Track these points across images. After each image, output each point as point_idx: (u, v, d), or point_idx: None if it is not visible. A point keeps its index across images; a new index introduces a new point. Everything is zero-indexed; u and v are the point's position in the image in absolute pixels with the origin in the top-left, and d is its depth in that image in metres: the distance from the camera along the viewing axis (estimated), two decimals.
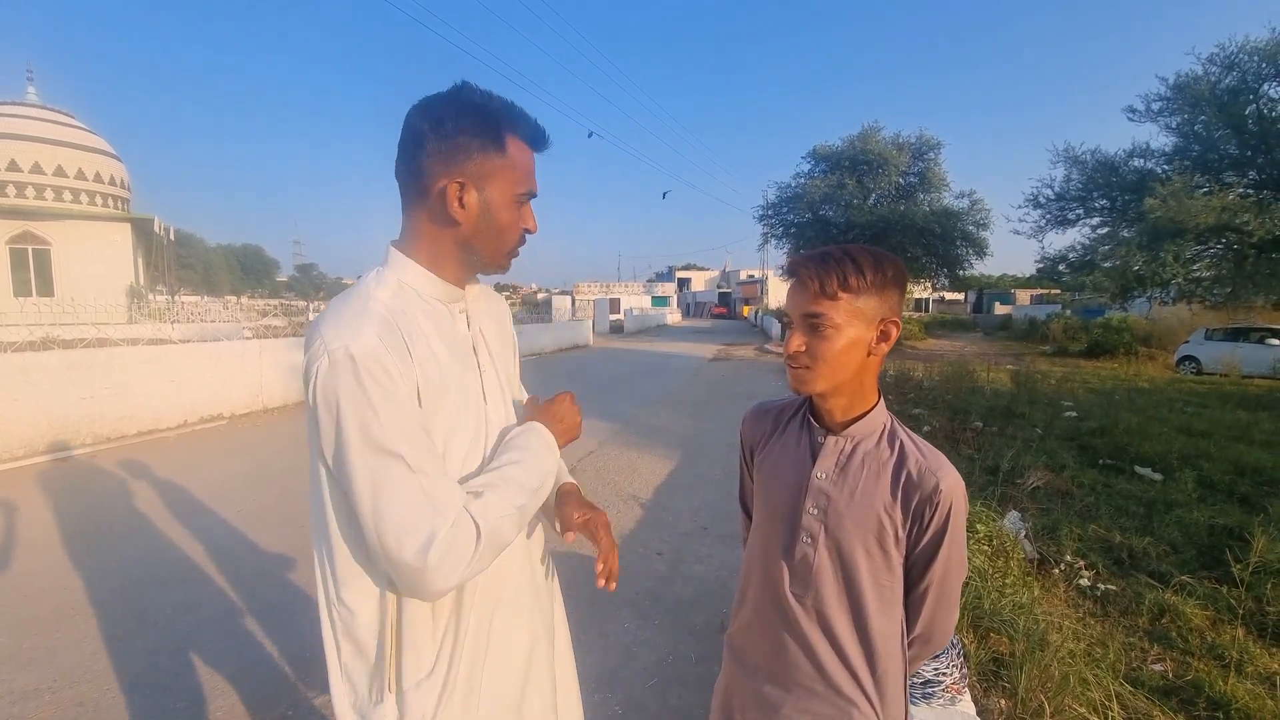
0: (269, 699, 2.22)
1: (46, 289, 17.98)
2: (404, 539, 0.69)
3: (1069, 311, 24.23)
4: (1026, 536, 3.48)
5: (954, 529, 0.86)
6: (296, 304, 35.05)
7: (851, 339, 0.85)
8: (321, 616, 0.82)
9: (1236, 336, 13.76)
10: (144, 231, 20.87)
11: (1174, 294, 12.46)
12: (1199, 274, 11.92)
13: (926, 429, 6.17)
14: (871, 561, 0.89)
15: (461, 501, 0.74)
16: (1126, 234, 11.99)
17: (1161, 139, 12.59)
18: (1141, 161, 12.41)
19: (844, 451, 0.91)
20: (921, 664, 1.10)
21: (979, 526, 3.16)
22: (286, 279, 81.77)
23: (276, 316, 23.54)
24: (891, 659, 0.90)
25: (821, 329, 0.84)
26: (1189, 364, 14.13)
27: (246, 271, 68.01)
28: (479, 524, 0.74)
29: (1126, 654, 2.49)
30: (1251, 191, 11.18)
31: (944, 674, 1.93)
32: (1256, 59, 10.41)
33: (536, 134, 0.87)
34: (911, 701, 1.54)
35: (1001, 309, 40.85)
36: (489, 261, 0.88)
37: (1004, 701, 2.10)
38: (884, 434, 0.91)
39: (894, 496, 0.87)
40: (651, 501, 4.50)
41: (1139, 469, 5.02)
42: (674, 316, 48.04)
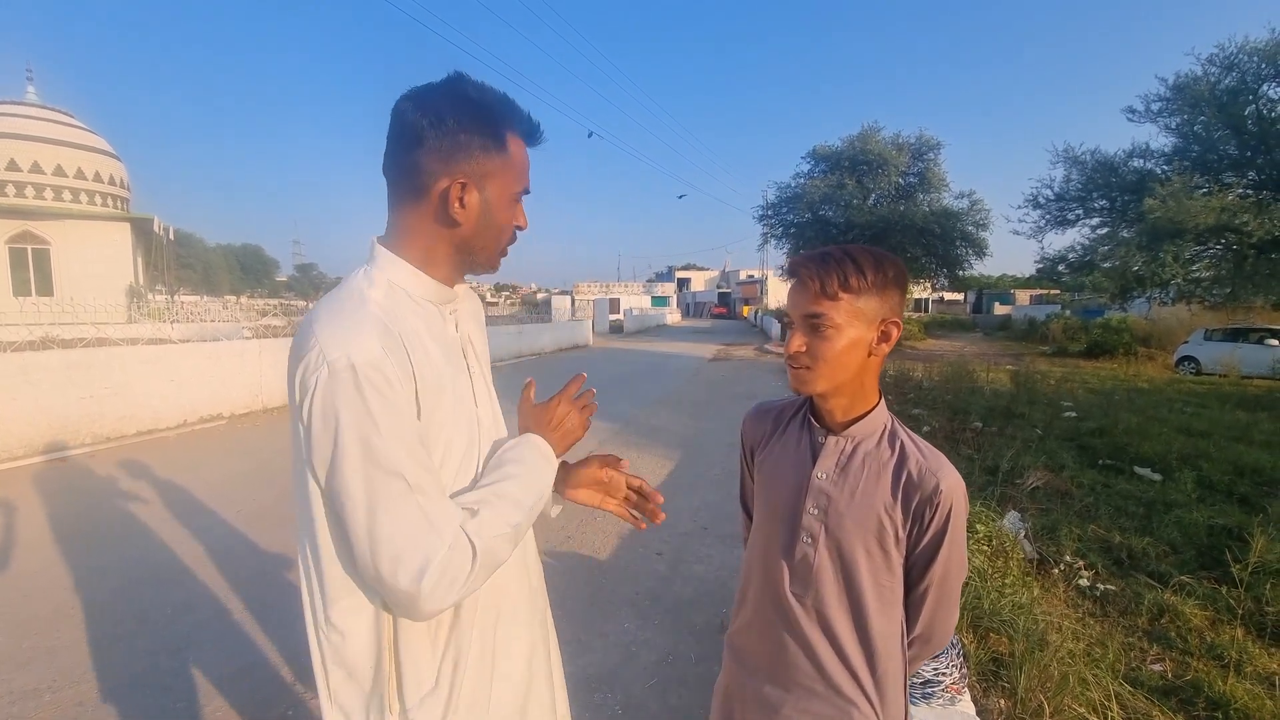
0: (268, 699, 2.22)
1: (46, 288, 17.98)
2: (399, 562, 0.66)
3: (1068, 312, 24.25)
4: (1026, 536, 3.48)
5: (954, 529, 0.86)
6: (296, 304, 35.08)
7: (852, 339, 0.85)
8: (310, 640, 0.77)
9: (1236, 337, 13.78)
10: (143, 231, 20.88)
11: (1173, 294, 12.47)
12: (1198, 274, 11.94)
13: (926, 429, 6.18)
14: (872, 562, 0.89)
15: (459, 521, 0.71)
16: (1126, 234, 12.00)
17: (1161, 139, 12.62)
18: (1141, 162, 12.42)
19: (844, 452, 0.91)
20: (921, 664, 1.10)
21: (978, 526, 3.17)
22: (286, 279, 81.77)
23: (276, 316, 23.53)
24: (891, 659, 0.91)
25: (822, 329, 0.85)
26: (1188, 364, 14.15)
27: (246, 271, 68.02)
28: (475, 544, 0.70)
29: (1126, 654, 2.50)
30: (1251, 192, 11.19)
31: (944, 674, 1.93)
32: (1256, 59, 10.41)
33: (532, 129, 0.84)
34: (911, 701, 1.54)
35: (1001, 309, 40.87)
36: (485, 262, 0.85)
37: (1003, 701, 2.10)
38: (884, 434, 0.91)
39: (894, 497, 0.87)
40: None
41: (1138, 469, 5.02)
42: (674, 317, 48.06)
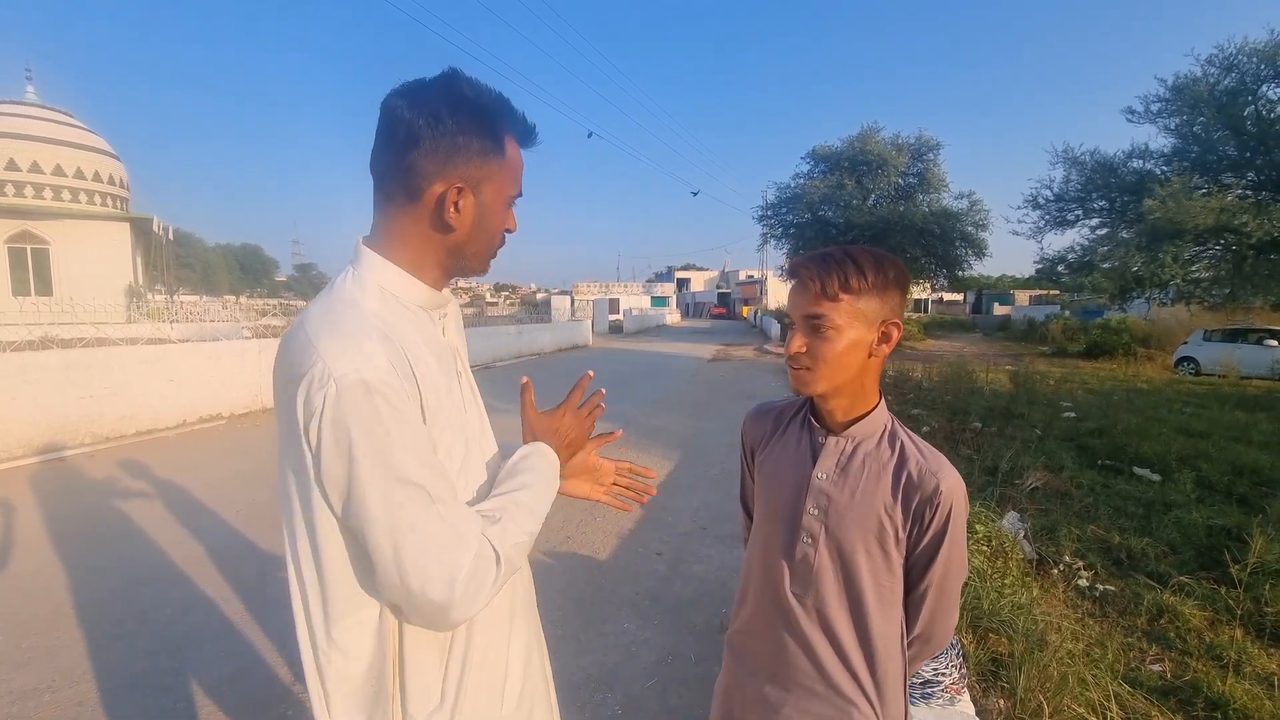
0: (268, 700, 2.22)
1: (45, 288, 17.98)
2: (428, 575, 0.65)
3: (1068, 312, 24.24)
4: (1025, 537, 3.48)
5: (954, 530, 0.86)
6: (295, 304, 35.07)
7: (852, 340, 0.85)
8: (305, 665, 0.74)
9: (1235, 337, 13.79)
10: (143, 231, 20.88)
11: (1173, 295, 12.48)
12: (1197, 275, 11.95)
13: (926, 429, 6.18)
14: (872, 562, 0.89)
15: (480, 529, 0.71)
16: (1125, 235, 12.01)
17: (1160, 140, 12.61)
18: (1140, 163, 12.43)
19: (845, 452, 0.91)
20: (921, 664, 1.10)
21: (978, 527, 3.17)
22: (285, 279, 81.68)
23: (275, 316, 23.53)
24: (891, 659, 0.91)
25: (822, 330, 0.85)
26: (1187, 365, 14.15)
27: (245, 271, 67.93)
28: (498, 550, 0.71)
29: (1125, 654, 2.50)
30: (1250, 193, 11.20)
31: (943, 674, 1.93)
32: (1255, 60, 10.43)
33: (528, 131, 0.82)
34: (911, 702, 1.54)
35: (1000, 310, 40.88)
36: (476, 267, 0.83)
37: (1003, 701, 2.11)
38: (885, 435, 0.92)
39: (894, 497, 0.87)
40: (651, 502, 4.49)
41: (1137, 470, 5.03)
42: (673, 317, 48.03)
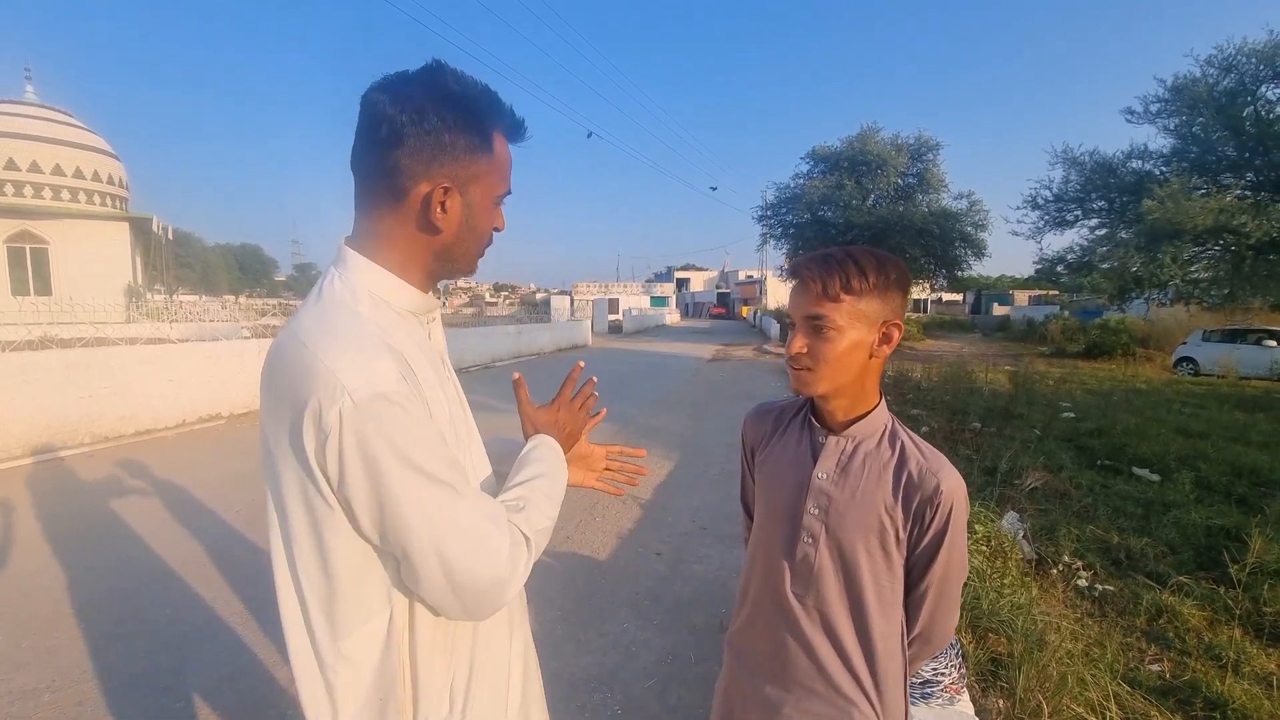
0: (267, 699, 2.22)
1: (44, 288, 17.96)
2: (475, 569, 0.67)
3: (1067, 313, 24.23)
4: (1025, 537, 3.48)
5: (954, 530, 0.86)
6: (294, 303, 35.00)
7: (853, 341, 0.85)
8: (307, 682, 0.70)
9: (1234, 338, 13.81)
10: (142, 230, 20.86)
11: (1172, 295, 12.47)
12: (1197, 275, 11.95)
13: (925, 429, 6.18)
14: (872, 562, 0.89)
15: (506, 514, 0.73)
16: (1124, 235, 12.01)
17: (1160, 141, 12.60)
18: (1139, 163, 12.43)
19: (845, 452, 0.91)
20: (921, 664, 1.10)
21: (977, 527, 3.17)
22: (285, 278, 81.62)
23: (275, 316, 23.52)
24: (892, 659, 0.91)
25: (823, 331, 0.85)
26: (1186, 365, 14.17)
27: (245, 271, 67.84)
28: (528, 536, 0.73)
29: (1124, 654, 2.50)
30: (1249, 193, 11.21)
31: (943, 674, 1.93)
32: (1254, 61, 10.43)
33: (517, 126, 0.79)
34: (910, 701, 1.55)
35: (1000, 310, 40.89)
36: (464, 268, 0.81)
37: (1002, 701, 2.11)
38: (885, 434, 0.92)
39: (895, 497, 0.87)
40: (651, 502, 4.50)
41: (1137, 470, 5.03)
42: (673, 317, 48.05)
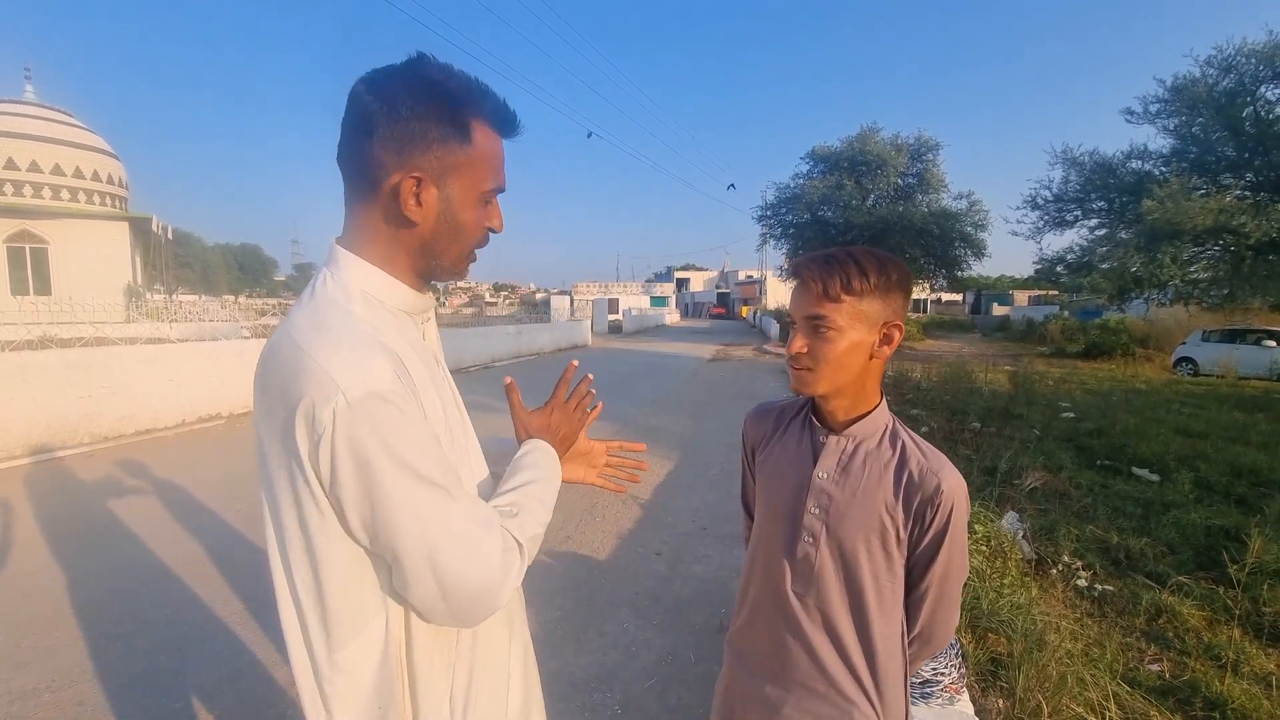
0: (267, 699, 2.22)
1: (44, 288, 17.95)
2: (466, 573, 0.66)
3: (1066, 313, 24.23)
4: (1024, 537, 3.49)
5: (955, 530, 0.86)
6: (294, 303, 34.98)
7: (853, 342, 0.85)
8: (303, 690, 0.70)
9: (1233, 338, 13.82)
10: (142, 230, 20.85)
11: (1171, 295, 12.47)
12: (1196, 276, 11.95)
13: (925, 429, 6.18)
14: (873, 561, 0.89)
15: (498, 519, 0.72)
16: (1124, 235, 12.01)
17: (1159, 141, 12.61)
18: (1139, 163, 12.43)
19: (846, 451, 0.91)
20: (922, 664, 1.10)
21: (977, 527, 3.17)
22: (285, 278, 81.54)
23: (274, 316, 23.52)
24: (892, 659, 0.91)
25: (823, 331, 0.85)
26: (1186, 365, 14.18)
27: (244, 271, 67.76)
28: (520, 541, 0.72)
29: (1124, 654, 2.50)
30: (1249, 194, 11.21)
31: (942, 674, 1.94)
32: (1254, 61, 10.43)
33: (506, 118, 0.74)
34: (910, 701, 1.55)
35: (999, 310, 40.91)
36: (449, 267, 0.76)
37: (1002, 701, 2.11)
38: (886, 434, 0.92)
39: (896, 497, 0.87)
40: (650, 502, 4.50)
41: (1136, 470, 5.03)
42: (672, 317, 48.06)
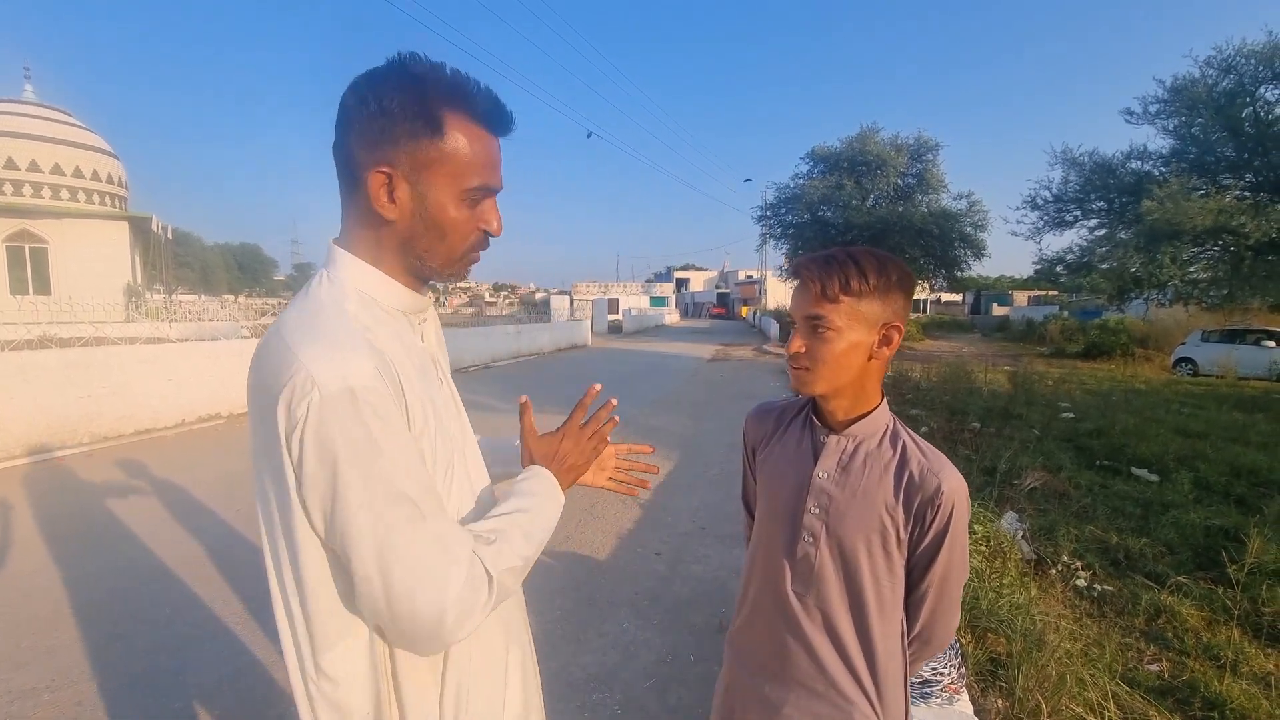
0: (267, 699, 2.22)
1: (43, 287, 17.95)
2: (418, 597, 0.61)
3: (1066, 313, 24.24)
4: (1024, 537, 3.49)
5: (955, 531, 0.86)
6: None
7: (852, 342, 0.85)
8: (295, 689, 0.71)
9: (1233, 338, 13.83)
10: (141, 230, 20.85)
11: (1171, 296, 12.48)
12: (1196, 276, 11.96)
13: (924, 429, 6.18)
14: (873, 561, 0.89)
15: (472, 548, 0.67)
16: (1124, 236, 12.02)
17: (1159, 141, 12.62)
18: (1139, 164, 12.43)
19: (846, 451, 0.91)
20: (922, 664, 1.11)
21: (976, 527, 3.17)
22: (284, 278, 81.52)
23: (274, 315, 23.46)
24: (892, 659, 0.91)
25: (822, 331, 0.85)
26: (1185, 365, 14.18)
27: (244, 270, 67.74)
28: (490, 573, 0.66)
29: (1123, 654, 2.50)
30: (1248, 194, 11.22)
31: (942, 674, 1.94)
32: (1253, 62, 10.44)
33: (493, 114, 0.71)
34: (909, 701, 1.55)
35: (999, 310, 40.92)
36: (437, 267, 0.74)
37: (1001, 701, 2.11)
38: (887, 434, 0.92)
39: (896, 497, 0.87)
40: (650, 502, 4.50)
41: (1136, 470, 5.03)
42: (672, 317, 48.05)
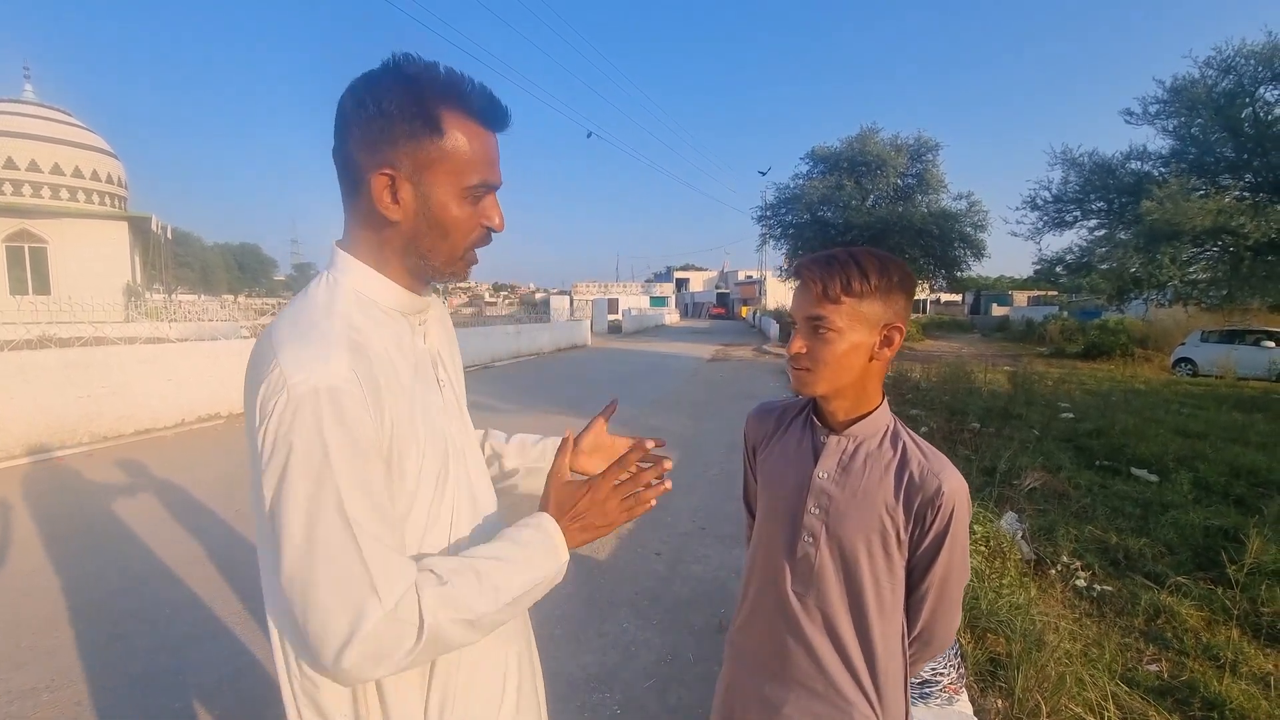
0: (267, 699, 2.21)
1: (43, 287, 17.95)
2: (329, 620, 0.57)
3: (1066, 313, 24.25)
4: (1023, 537, 3.49)
5: (956, 532, 0.86)
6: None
7: (853, 343, 0.85)
8: (282, 689, 0.71)
9: (1232, 339, 13.83)
10: (141, 230, 20.85)
11: (1170, 296, 12.49)
12: (1195, 276, 11.97)
13: (924, 430, 6.18)
14: (873, 562, 0.89)
15: (410, 582, 0.61)
16: (1123, 236, 12.03)
17: (1158, 142, 12.64)
18: (1138, 164, 12.45)
19: (846, 452, 0.91)
20: (922, 665, 1.11)
21: (976, 527, 3.18)
22: (284, 278, 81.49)
23: (273, 315, 23.48)
24: (892, 659, 0.91)
25: (823, 332, 0.85)
26: (1185, 366, 14.19)
27: (244, 270, 67.66)
28: (425, 619, 0.60)
29: (1122, 654, 2.51)
30: (1248, 194, 11.23)
31: (941, 674, 1.94)
32: (1253, 62, 10.45)
33: (489, 110, 0.70)
34: (910, 702, 1.55)
35: (999, 310, 40.93)
36: (440, 267, 0.74)
37: (1001, 701, 2.11)
38: (887, 435, 0.92)
39: (896, 498, 0.87)
40: None
41: (1135, 470, 5.04)
42: (672, 317, 48.03)
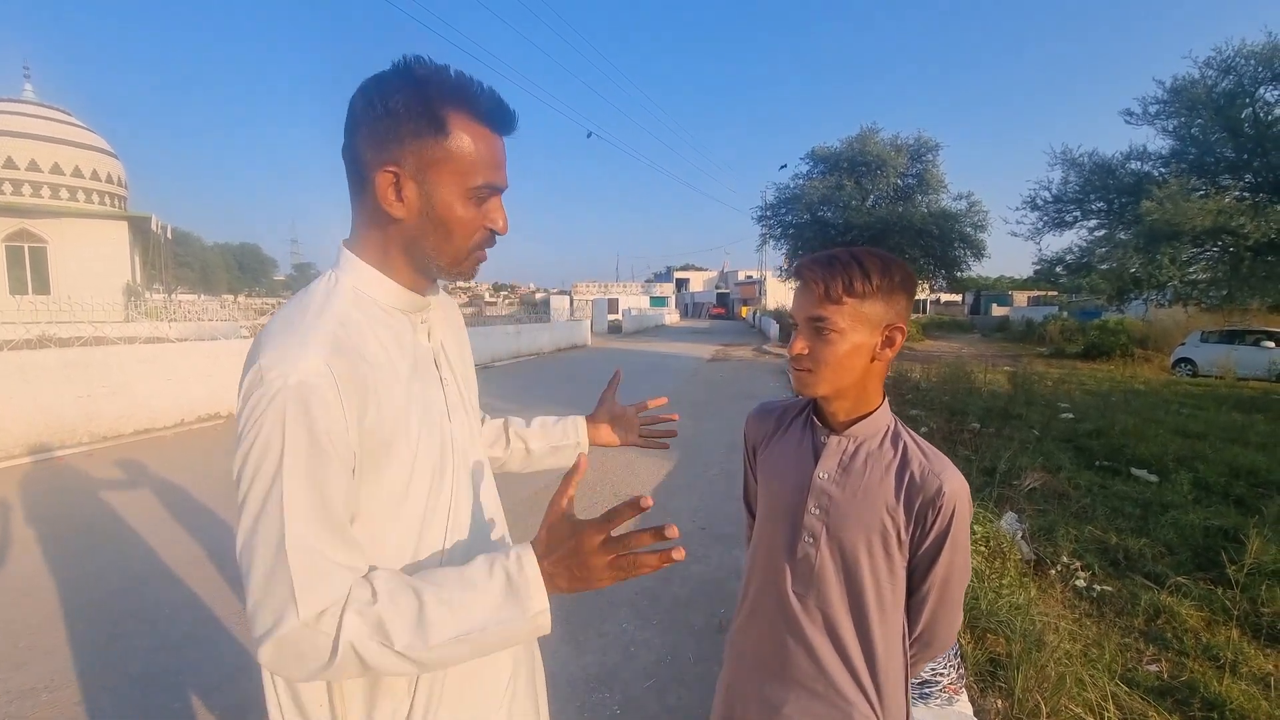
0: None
1: (43, 287, 17.93)
2: (258, 609, 0.60)
3: (1066, 313, 24.27)
4: (1023, 537, 3.49)
5: (957, 533, 0.86)
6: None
7: (855, 344, 0.85)
8: (265, 686, 0.72)
9: (1232, 339, 13.83)
10: (141, 230, 20.83)
11: (1170, 296, 12.51)
12: (1195, 276, 11.99)
13: (924, 430, 6.18)
14: (873, 562, 0.89)
15: (336, 598, 0.60)
16: (1123, 236, 12.05)
17: (1158, 142, 12.67)
18: (1138, 164, 12.47)
19: (847, 452, 0.91)
20: (923, 666, 1.11)
21: (976, 528, 3.18)
22: (284, 278, 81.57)
23: (273, 315, 23.47)
24: (892, 660, 0.91)
25: (825, 333, 0.85)
26: (1185, 366, 14.19)
27: (244, 270, 67.69)
28: (340, 640, 0.58)
29: (1122, 655, 2.51)
30: (1248, 194, 11.24)
31: (941, 674, 1.94)
32: (1253, 63, 10.46)
33: (496, 113, 0.72)
34: (910, 703, 1.55)
35: (999, 310, 40.95)
36: (444, 266, 0.75)
37: (1000, 702, 2.11)
38: (888, 435, 0.91)
39: (897, 498, 0.87)
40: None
41: (1135, 470, 5.04)
42: (672, 317, 48.02)
